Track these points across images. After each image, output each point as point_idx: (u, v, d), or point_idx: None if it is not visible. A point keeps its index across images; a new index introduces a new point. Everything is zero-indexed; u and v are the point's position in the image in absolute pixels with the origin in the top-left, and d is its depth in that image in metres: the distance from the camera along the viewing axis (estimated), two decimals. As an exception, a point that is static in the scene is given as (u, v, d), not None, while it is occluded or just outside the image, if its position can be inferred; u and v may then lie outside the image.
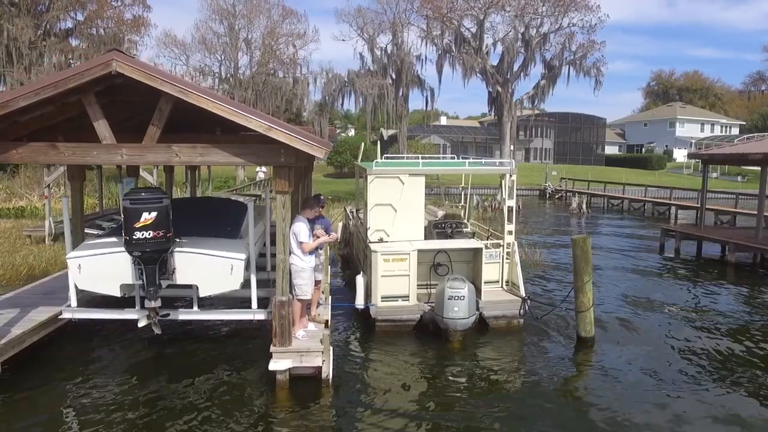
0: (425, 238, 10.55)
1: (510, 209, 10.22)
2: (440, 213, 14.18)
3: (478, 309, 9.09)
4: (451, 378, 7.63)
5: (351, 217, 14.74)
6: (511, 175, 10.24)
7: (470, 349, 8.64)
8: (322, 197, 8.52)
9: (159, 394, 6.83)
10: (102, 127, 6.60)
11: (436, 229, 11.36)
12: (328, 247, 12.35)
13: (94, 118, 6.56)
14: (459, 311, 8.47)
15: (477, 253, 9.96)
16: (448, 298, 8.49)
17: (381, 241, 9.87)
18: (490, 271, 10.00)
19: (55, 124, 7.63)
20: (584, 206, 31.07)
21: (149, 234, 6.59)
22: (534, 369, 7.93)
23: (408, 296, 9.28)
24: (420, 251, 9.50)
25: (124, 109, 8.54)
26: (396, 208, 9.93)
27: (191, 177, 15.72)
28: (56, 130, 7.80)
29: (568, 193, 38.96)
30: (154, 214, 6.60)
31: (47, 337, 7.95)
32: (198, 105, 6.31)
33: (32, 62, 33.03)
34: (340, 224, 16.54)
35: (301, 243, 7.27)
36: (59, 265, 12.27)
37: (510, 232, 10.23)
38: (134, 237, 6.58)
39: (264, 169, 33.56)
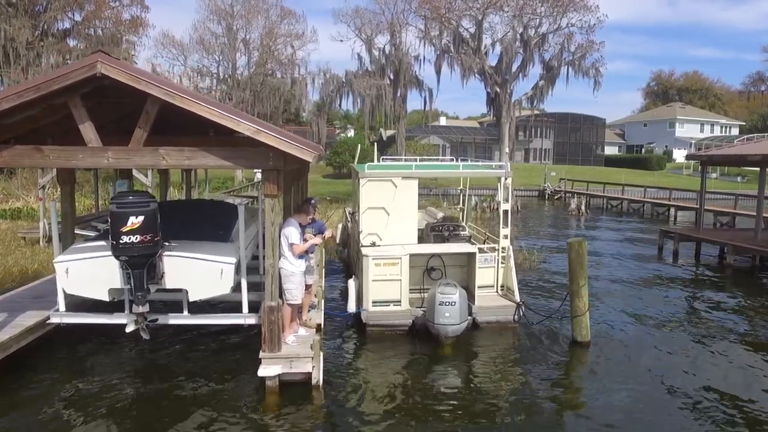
0: (423, 241, 10.42)
1: (505, 213, 10.10)
2: (440, 215, 14.10)
3: (470, 314, 8.99)
4: (442, 384, 7.53)
5: (349, 219, 14.65)
6: (506, 178, 10.11)
7: (463, 354, 8.54)
8: (313, 200, 8.42)
9: (147, 399, 6.75)
10: (88, 130, 6.51)
11: (433, 231, 11.27)
12: (323, 250, 12.26)
13: (80, 120, 6.47)
14: (450, 317, 8.36)
15: (471, 257, 9.85)
16: (439, 304, 8.38)
17: (374, 245, 9.76)
18: (484, 275, 9.88)
19: (43, 126, 7.53)
20: (583, 207, 30.97)
21: (136, 238, 6.48)
22: (528, 374, 7.83)
23: (400, 301, 9.18)
24: (412, 255, 9.40)
25: (113, 111, 8.44)
26: (389, 212, 9.81)
27: (186, 178, 15.61)
28: (45, 133, 7.70)
29: (567, 194, 38.87)
30: (141, 218, 6.49)
31: (35, 341, 7.85)
32: (184, 108, 6.22)
33: (29, 63, 32.97)
34: (340, 226, 16.45)
35: (291, 245, 7.17)
36: (52, 267, 12.15)
37: (505, 236, 10.12)
38: (121, 241, 6.48)
39: (262, 169, 33.43)
